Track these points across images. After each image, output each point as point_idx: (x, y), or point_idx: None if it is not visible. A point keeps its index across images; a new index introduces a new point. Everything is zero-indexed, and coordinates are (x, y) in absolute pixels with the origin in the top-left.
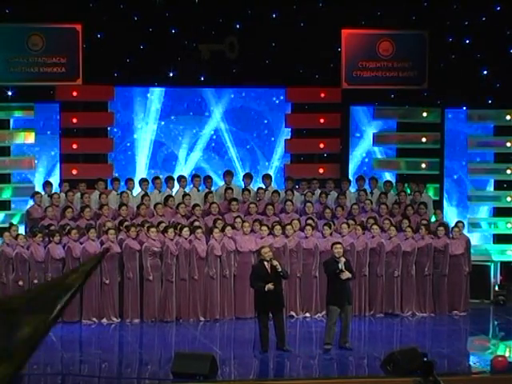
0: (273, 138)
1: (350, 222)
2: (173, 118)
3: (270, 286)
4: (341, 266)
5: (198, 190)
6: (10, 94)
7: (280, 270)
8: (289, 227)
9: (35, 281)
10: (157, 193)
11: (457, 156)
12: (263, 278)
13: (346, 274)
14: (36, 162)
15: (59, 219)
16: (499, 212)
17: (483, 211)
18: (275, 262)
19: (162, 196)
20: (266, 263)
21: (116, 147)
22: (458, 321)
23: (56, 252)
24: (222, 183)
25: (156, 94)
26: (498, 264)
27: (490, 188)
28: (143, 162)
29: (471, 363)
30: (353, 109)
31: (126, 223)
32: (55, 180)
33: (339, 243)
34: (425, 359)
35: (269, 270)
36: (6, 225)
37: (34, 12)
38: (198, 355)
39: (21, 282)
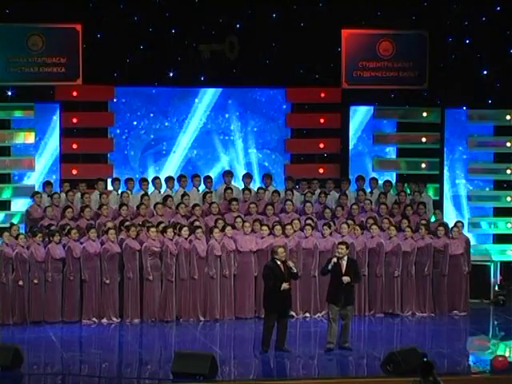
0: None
1: (350, 222)
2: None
3: (285, 285)
4: (330, 265)
5: (198, 190)
6: (9, 94)
7: (295, 271)
8: (289, 227)
9: (35, 281)
10: (157, 193)
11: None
12: (278, 277)
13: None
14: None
15: (59, 219)
16: (499, 212)
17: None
18: (291, 264)
19: (161, 196)
20: (279, 263)
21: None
22: (458, 321)
23: (56, 252)
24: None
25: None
26: (498, 264)
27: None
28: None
29: (471, 363)
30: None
31: (127, 223)
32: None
33: (343, 243)
34: (424, 359)
35: (283, 270)
36: (7, 225)
37: (33, 12)
38: (198, 355)
39: (21, 282)
